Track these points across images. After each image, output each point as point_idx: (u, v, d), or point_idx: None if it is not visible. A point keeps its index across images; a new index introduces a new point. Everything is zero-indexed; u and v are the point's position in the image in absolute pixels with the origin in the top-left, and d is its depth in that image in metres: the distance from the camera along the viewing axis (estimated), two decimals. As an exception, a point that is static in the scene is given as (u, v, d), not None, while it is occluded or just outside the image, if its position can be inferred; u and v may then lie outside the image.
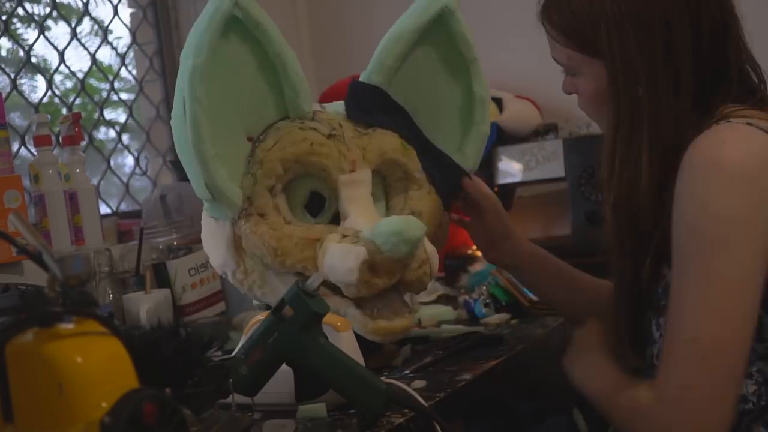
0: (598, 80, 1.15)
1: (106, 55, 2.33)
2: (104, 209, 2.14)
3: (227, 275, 1.37)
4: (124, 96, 2.36)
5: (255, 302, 1.58)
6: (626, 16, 1.10)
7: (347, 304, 1.28)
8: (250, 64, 1.30)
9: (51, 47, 2.12)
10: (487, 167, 2.27)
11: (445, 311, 1.69)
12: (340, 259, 1.23)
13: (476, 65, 1.43)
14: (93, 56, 2.23)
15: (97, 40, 2.27)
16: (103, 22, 2.30)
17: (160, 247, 1.77)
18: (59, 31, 2.17)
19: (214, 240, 1.36)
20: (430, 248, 1.33)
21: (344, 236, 1.27)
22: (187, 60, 1.23)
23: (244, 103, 1.30)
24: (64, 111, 2.11)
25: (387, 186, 1.42)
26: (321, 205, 1.35)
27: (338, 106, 1.41)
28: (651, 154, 1.10)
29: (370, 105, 1.38)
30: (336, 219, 1.35)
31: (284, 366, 1.09)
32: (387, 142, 1.37)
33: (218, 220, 1.33)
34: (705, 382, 1.01)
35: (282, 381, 1.11)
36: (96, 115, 2.25)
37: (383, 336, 1.28)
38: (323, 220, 1.35)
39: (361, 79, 1.41)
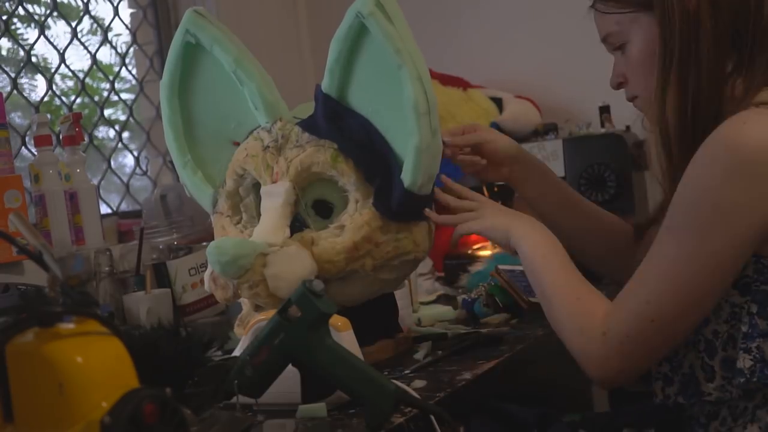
0: (649, 35, 1.21)
1: (106, 55, 2.33)
2: (104, 209, 2.14)
3: None
4: (124, 96, 2.36)
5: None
6: None
7: None
8: (224, 79, 1.42)
9: (51, 46, 2.12)
10: (488, 167, 2.27)
11: (445, 311, 1.69)
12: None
13: (405, 71, 1.24)
14: (93, 56, 2.23)
15: (97, 40, 2.28)
16: (103, 20, 2.30)
17: (161, 247, 1.78)
18: (59, 30, 2.18)
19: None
20: (272, 271, 1.27)
21: None
22: None
23: (224, 112, 1.45)
24: (64, 111, 2.11)
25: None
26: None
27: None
28: (683, 94, 1.16)
29: (315, 115, 1.36)
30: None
31: (288, 366, 1.09)
32: (313, 155, 1.33)
33: None
34: (645, 341, 1.14)
35: (287, 382, 1.10)
36: (96, 116, 2.26)
37: None
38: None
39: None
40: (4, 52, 2.07)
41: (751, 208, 1.08)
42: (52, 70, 2.13)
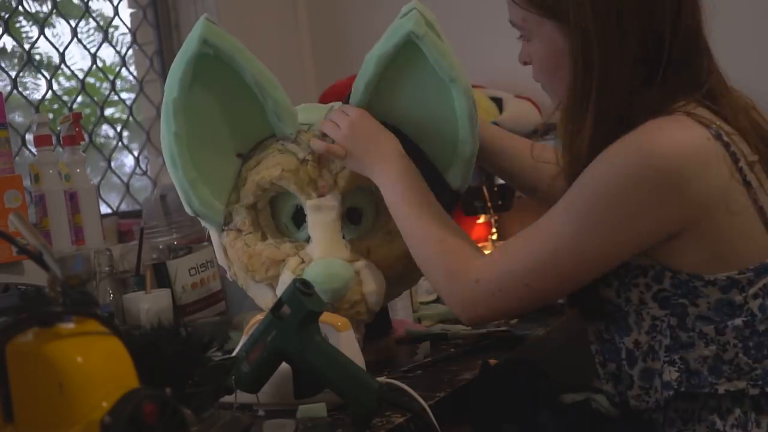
0: (550, 43, 1.19)
1: (106, 55, 2.33)
2: (104, 209, 2.14)
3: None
4: (124, 96, 2.36)
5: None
6: None
7: None
8: (231, 90, 1.36)
9: (51, 46, 2.12)
10: (488, 167, 2.27)
11: (445, 311, 1.69)
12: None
13: (456, 85, 1.33)
14: (93, 56, 2.23)
15: (98, 38, 2.28)
16: (103, 15, 2.30)
17: (161, 246, 1.78)
18: (61, 29, 2.17)
19: (214, 242, 1.45)
20: (370, 288, 1.30)
21: (302, 261, 1.32)
22: (165, 96, 1.35)
23: (229, 125, 1.38)
24: (65, 110, 2.11)
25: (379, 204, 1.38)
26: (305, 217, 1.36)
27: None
28: (596, 122, 1.14)
29: None
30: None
31: (286, 365, 1.10)
32: None
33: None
34: (516, 299, 1.16)
35: (283, 379, 1.11)
36: (96, 116, 2.26)
37: None
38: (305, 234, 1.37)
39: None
40: (7, 49, 2.07)
41: (651, 215, 1.08)
42: (53, 69, 2.12)
